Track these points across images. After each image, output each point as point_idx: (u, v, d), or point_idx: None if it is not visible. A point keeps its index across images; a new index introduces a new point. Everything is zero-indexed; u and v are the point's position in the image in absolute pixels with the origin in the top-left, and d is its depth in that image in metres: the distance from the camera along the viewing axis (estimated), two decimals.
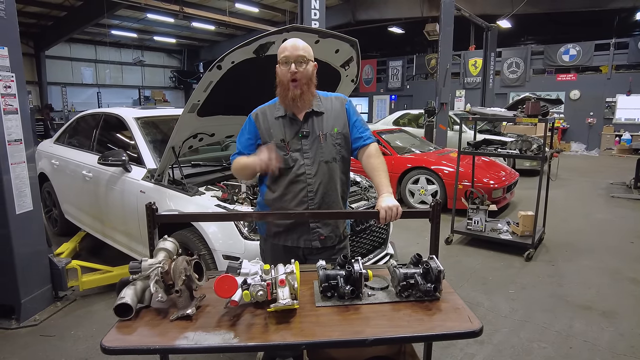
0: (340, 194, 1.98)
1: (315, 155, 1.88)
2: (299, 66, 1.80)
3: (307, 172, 1.88)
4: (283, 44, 1.86)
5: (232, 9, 13.99)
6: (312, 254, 1.97)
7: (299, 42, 1.84)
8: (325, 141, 1.89)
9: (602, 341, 2.82)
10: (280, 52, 1.83)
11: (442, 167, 5.99)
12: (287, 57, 1.80)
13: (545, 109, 4.28)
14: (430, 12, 12.62)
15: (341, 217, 2.02)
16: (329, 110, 1.93)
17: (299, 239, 1.94)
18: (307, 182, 1.88)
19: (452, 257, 4.37)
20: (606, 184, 8.12)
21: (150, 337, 1.33)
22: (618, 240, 4.87)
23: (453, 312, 1.47)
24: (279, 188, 1.92)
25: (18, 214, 2.95)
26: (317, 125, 1.90)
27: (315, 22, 6.07)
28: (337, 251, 2.01)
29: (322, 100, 1.96)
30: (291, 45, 1.82)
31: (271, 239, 2.01)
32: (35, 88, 16.95)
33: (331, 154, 1.91)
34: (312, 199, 1.89)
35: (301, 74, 1.80)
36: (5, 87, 2.82)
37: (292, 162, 1.88)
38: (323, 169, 1.89)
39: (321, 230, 1.93)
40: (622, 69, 13.85)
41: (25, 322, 3.00)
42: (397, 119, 11.35)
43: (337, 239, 2.01)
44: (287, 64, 1.80)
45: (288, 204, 1.91)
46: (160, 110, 4.32)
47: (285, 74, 1.81)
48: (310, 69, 1.84)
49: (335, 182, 1.94)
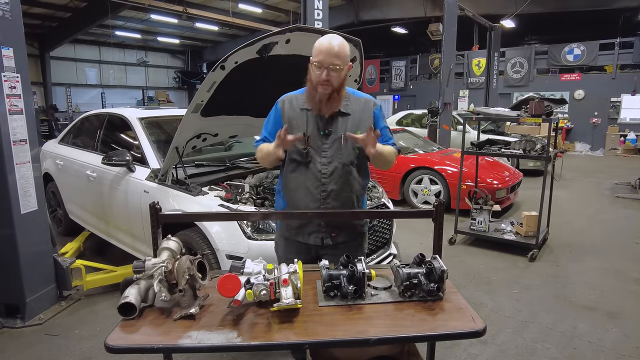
0: (356, 196, 1.95)
1: (334, 156, 1.85)
2: (331, 72, 1.71)
3: (322, 171, 1.85)
4: (319, 43, 1.73)
5: (235, 10, 14.00)
6: (325, 251, 1.94)
7: (335, 47, 1.71)
8: (346, 143, 1.84)
9: (607, 342, 2.81)
10: (316, 53, 1.73)
11: (445, 167, 5.98)
12: (321, 62, 1.70)
13: (549, 108, 4.27)
14: (434, 12, 12.59)
15: (344, 216, 2.02)
16: (357, 112, 1.87)
17: (309, 236, 1.93)
18: (321, 182, 1.86)
19: (455, 257, 4.36)
20: (611, 184, 8.08)
21: (153, 336, 1.33)
22: (623, 241, 4.84)
23: (456, 312, 1.46)
24: (295, 181, 1.91)
25: (23, 213, 2.97)
26: (340, 126, 1.85)
27: (319, 23, 6.07)
28: (351, 249, 1.96)
29: (352, 100, 1.89)
30: (326, 49, 1.70)
31: (285, 234, 2.00)
32: (40, 89, 17.03)
33: (349, 157, 1.87)
34: (325, 198, 1.87)
35: (333, 79, 1.72)
36: (10, 87, 2.84)
37: (308, 158, 1.85)
38: (339, 171, 1.86)
39: (332, 228, 1.92)
40: (626, 68, 13.77)
41: (30, 321, 3.02)
42: (401, 119, 11.35)
43: (350, 237, 1.99)
44: (320, 69, 1.71)
45: (302, 199, 1.90)
46: (163, 111, 4.33)
47: (316, 77, 1.73)
48: (343, 75, 1.76)
49: (351, 184, 1.90)
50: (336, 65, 1.71)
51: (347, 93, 1.88)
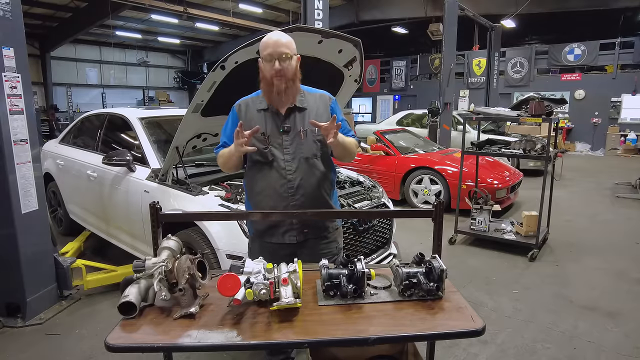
0: (324, 190, 1.96)
1: (296, 151, 1.87)
2: (282, 63, 1.76)
3: (287, 167, 1.87)
4: (264, 39, 1.81)
5: (235, 10, 14.01)
6: (301, 249, 1.95)
7: (282, 38, 1.79)
8: (306, 137, 1.88)
9: (607, 342, 2.81)
10: (263, 49, 1.79)
11: (445, 167, 5.98)
12: (271, 54, 1.76)
13: (549, 108, 4.26)
14: (434, 12, 12.58)
15: (342, 216, 2.03)
16: (312, 106, 1.91)
17: (283, 236, 1.93)
18: (287, 178, 1.87)
19: (455, 257, 4.36)
20: (611, 184, 8.07)
21: (154, 335, 1.34)
22: (623, 241, 4.84)
23: (456, 312, 1.46)
24: (260, 183, 1.92)
25: (24, 213, 2.98)
26: (298, 121, 1.89)
27: (319, 23, 6.07)
28: (327, 242, 2.01)
29: (307, 96, 1.94)
30: (274, 41, 1.78)
31: (258, 237, 2.00)
32: (41, 89, 17.05)
33: (311, 151, 1.90)
34: (293, 194, 1.88)
35: (285, 70, 1.77)
36: (11, 87, 2.85)
37: (271, 157, 1.87)
38: (303, 165, 1.88)
39: (304, 225, 1.92)
40: (627, 68, 13.76)
41: (30, 320, 3.02)
42: (401, 119, 11.35)
43: (323, 232, 1.99)
44: (271, 61, 1.76)
45: (269, 199, 1.90)
46: (164, 111, 4.34)
47: (269, 70, 1.77)
48: (294, 64, 1.81)
49: (317, 178, 1.92)
50: (286, 54, 1.77)
51: (301, 90, 1.92)
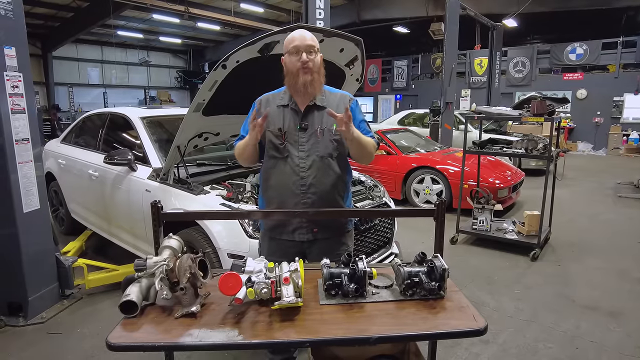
0: (337, 191, 1.95)
1: (311, 149, 1.87)
2: (309, 55, 1.79)
3: (300, 164, 1.87)
4: (290, 35, 1.86)
5: (237, 9, 14.02)
6: (310, 248, 1.96)
7: (306, 33, 1.84)
8: (323, 136, 1.88)
9: (609, 341, 2.80)
10: (289, 43, 1.82)
11: (447, 167, 5.97)
12: (297, 46, 1.79)
13: (551, 108, 4.26)
14: (436, 11, 12.57)
15: (344, 215, 2.02)
16: (332, 106, 1.90)
17: (293, 233, 1.94)
18: (300, 175, 1.87)
19: (457, 256, 4.35)
20: (613, 184, 8.05)
21: (155, 334, 1.34)
22: (625, 241, 4.82)
23: (457, 311, 1.46)
24: (273, 178, 1.92)
25: (25, 212, 2.98)
26: (317, 120, 1.89)
27: (320, 22, 6.06)
28: (337, 244, 2.00)
29: (327, 95, 1.94)
30: (300, 35, 1.82)
31: (269, 233, 2.01)
32: (43, 88, 17.08)
33: (327, 150, 1.89)
34: (305, 192, 1.88)
35: (312, 62, 1.79)
36: (12, 87, 2.85)
37: (286, 153, 1.88)
38: (317, 164, 1.88)
39: (314, 224, 1.92)
40: (629, 67, 13.70)
41: (32, 319, 3.02)
42: (402, 119, 11.33)
43: (334, 232, 1.99)
44: (297, 54, 1.79)
45: (281, 195, 1.91)
46: (165, 110, 4.34)
47: (295, 63, 1.79)
48: (319, 60, 1.84)
49: (331, 178, 1.91)
50: (312, 47, 1.80)
51: (323, 89, 1.92)
